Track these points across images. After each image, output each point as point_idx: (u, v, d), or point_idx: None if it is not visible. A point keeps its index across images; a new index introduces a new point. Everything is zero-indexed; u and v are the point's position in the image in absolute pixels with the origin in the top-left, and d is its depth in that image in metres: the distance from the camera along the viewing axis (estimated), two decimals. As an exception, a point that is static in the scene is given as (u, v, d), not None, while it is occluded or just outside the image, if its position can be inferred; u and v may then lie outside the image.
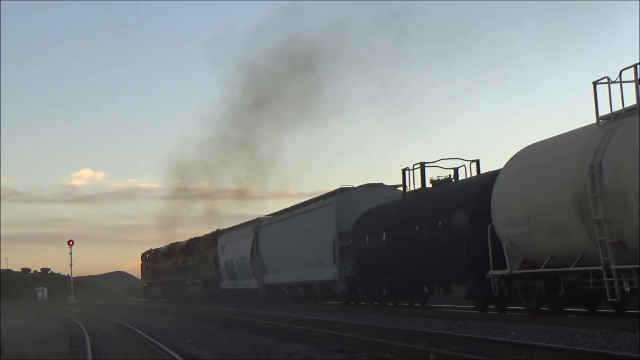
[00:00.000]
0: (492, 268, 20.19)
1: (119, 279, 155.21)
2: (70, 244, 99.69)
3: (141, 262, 72.90)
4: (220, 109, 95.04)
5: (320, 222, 33.99)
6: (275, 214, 42.88)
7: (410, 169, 27.19)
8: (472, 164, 25.99)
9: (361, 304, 30.75)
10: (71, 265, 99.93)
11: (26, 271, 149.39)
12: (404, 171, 27.52)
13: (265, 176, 76.36)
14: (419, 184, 27.02)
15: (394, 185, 31.55)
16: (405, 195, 27.77)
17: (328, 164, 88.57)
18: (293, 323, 21.90)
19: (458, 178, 26.40)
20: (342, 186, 33.92)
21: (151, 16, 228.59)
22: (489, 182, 20.85)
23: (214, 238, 52.53)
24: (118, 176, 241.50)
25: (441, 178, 26.24)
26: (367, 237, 29.25)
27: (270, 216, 43.44)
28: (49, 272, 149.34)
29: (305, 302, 37.41)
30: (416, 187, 27.13)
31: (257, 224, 43.34)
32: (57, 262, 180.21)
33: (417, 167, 26.82)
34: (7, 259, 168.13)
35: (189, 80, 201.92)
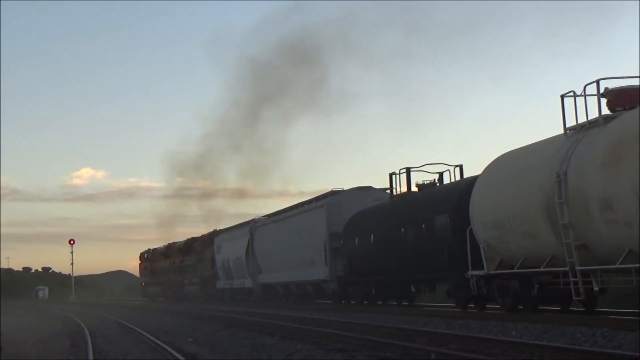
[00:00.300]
0: (470, 269, 21.31)
1: (119, 278, 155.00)
2: (71, 243, 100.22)
3: (140, 262, 73.96)
4: (221, 107, 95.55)
5: (312, 223, 35.11)
6: (270, 215, 44.04)
7: (397, 173, 28.35)
8: (455, 168, 27.15)
9: (352, 302, 31.86)
10: (72, 264, 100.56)
11: (27, 270, 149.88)
12: (391, 175, 28.65)
13: (267, 174, 77.12)
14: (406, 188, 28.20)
15: (383, 188, 32.63)
16: (392, 199, 28.89)
17: (329, 163, 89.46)
18: (293, 322, 22.06)
19: (443, 182, 27.53)
20: (333, 189, 35.13)
21: (152, 16, 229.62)
22: (469, 187, 21.94)
23: (210, 238, 53.55)
24: (119, 175, 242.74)
25: (426, 182, 27.40)
26: (357, 238, 30.37)
27: (265, 217, 44.60)
28: (50, 271, 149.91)
29: (299, 301, 38.42)
30: (403, 190, 28.29)
31: (252, 225, 44.45)
32: (58, 261, 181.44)
33: (403, 172, 27.99)
34: (8, 258, 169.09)
35: (190, 79, 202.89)
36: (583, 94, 17.28)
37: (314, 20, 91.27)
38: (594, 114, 17.13)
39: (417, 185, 27.64)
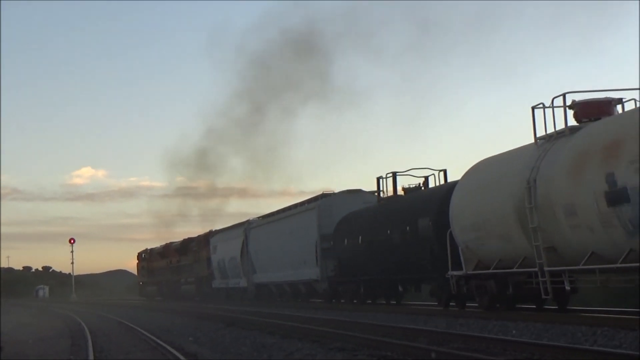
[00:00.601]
0: (451, 269, 22.45)
1: (120, 277, 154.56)
2: (72, 242, 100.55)
3: (137, 262, 74.97)
4: (222, 105, 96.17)
5: (304, 225, 36.26)
6: (264, 216, 45.24)
7: (384, 177, 29.55)
8: (440, 173, 28.35)
9: (342, 301, 33.01)
10: (72, 263, 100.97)
11: (27, 269, 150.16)
12: (378, 179, 29.86)
13: (268, 173, 77.69)
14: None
15: (372, 191, 33.73)
16: (380, 202, 30.05)
17: (329, 163, 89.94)
18: (294, 321, 22.17)
19: (428, 186, 28.69)
20: (324, 192, 36.40)
21: (152, 15, 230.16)
22: (451, 192, 23.04)
23: (206, 239, 54.59)
24: (119, 174, 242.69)
25: (412, 186, 28.57)
26: (346, 239, 31.51)
27: (259, 218, 45.79)
28: (50, 270, 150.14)
29: (292, 300, 39.50)
30: (389, 194, 29.50)
31: (246, 226, 45.62)
32: (59, 260, 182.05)
33: (389, 176, 29.19)
34: (8, 258, 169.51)
35: (192, 78, 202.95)
36: (551, 105, 18.40)
37: (318, 15, 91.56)
38: (562, 125, 18.27)
39: (403, 189, 28.82)
